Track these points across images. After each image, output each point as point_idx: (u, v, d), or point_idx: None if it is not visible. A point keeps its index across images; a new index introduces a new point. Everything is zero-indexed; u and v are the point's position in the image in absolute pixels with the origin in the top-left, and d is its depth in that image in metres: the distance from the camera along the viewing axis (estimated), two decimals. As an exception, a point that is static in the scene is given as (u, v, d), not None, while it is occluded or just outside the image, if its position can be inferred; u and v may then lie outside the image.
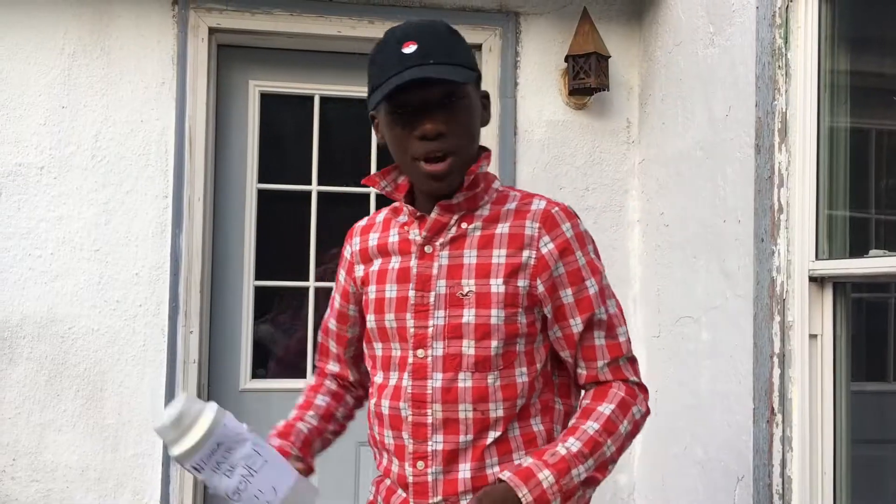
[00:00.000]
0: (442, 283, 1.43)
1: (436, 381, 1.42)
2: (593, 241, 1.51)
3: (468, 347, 1.41)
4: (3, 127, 2.95)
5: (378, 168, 3.31)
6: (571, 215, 1.48)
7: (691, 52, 2.88)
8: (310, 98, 3.28)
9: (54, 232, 2.95)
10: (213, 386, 3.14)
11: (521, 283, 1.42)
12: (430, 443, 1.41)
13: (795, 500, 2.24)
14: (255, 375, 3.23)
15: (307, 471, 1.53)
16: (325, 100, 3.30)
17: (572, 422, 1.44)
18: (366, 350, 1.57)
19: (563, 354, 1.48)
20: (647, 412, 1.48)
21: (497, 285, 1.41)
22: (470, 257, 1.43)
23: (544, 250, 1.43)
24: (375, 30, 3.13)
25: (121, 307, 2.97)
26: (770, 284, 2.32)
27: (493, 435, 1.41)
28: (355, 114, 3.38)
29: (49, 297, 2.94)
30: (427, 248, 1.46)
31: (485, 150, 1.50)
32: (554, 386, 1.50)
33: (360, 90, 3.29)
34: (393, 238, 1.51)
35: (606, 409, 1.42)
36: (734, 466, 2.53)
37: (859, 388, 2.30)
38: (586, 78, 3.12)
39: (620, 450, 1.42)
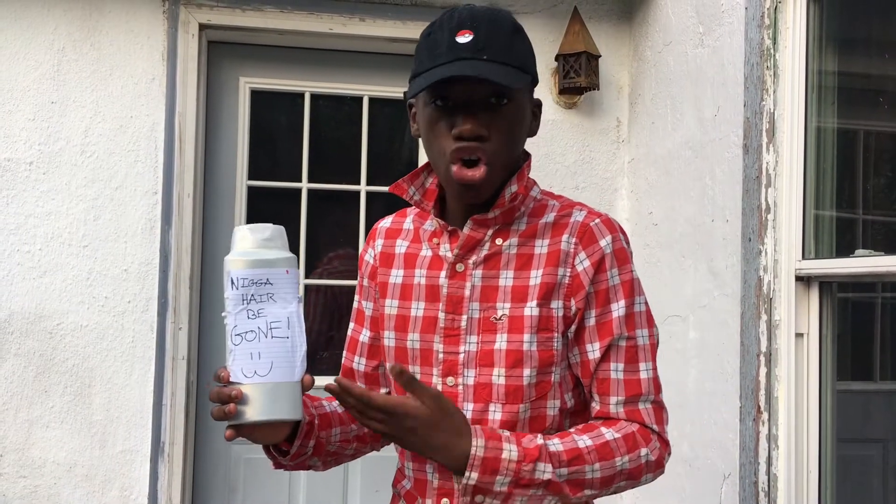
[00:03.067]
0: (475, 306, 1.30)
1: (466, 412, 1.28)
2: (632, 260, 1.35)
3: (498, 377, 1.28)
4: (-8, 122, 2.94)
5: (368, 167, 3.32)
6: (613, 228, 1.32)
7: (681, 52, 2.89)
8: (300, 95, 3.28)
9: (43, 227, 2.94)
10: (202, 382, 3.14)
11: (555, 304, 1.28)
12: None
13: (781, 498, 2.26)
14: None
15: (307, 428, 1.31)
16: (315, 97, 3.30)
17: (569, 429, 1.30)
18: None
19: (583, 380, 1.33)
20: (658, 466, 1.30)
21: (531, 308, 1.28)
22: (506, 279, 1.30)
23: (580, 268, 1.29)
24: (366, 27, 3.13)
25: (109, 303, 2.97)
26: (757, 283, 2.34)
27: None
28: (346, 111, 3.38)
29: (37, 293, 2.93)
30: (459, 267, 1.32)
31: (527, 157, 1.36)
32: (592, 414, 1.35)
33: (350, 88, 3.30)
34: (425, 252, 1.36)
35: (609, 434, 1.26)
36: (720, 464, 2.54)
37: (845, 387, 2.32)
38: (576, 77, 3.13)
39: (606, 482, 1.25)
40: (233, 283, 1.17)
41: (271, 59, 3.24)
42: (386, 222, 1.47)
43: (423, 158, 3.34)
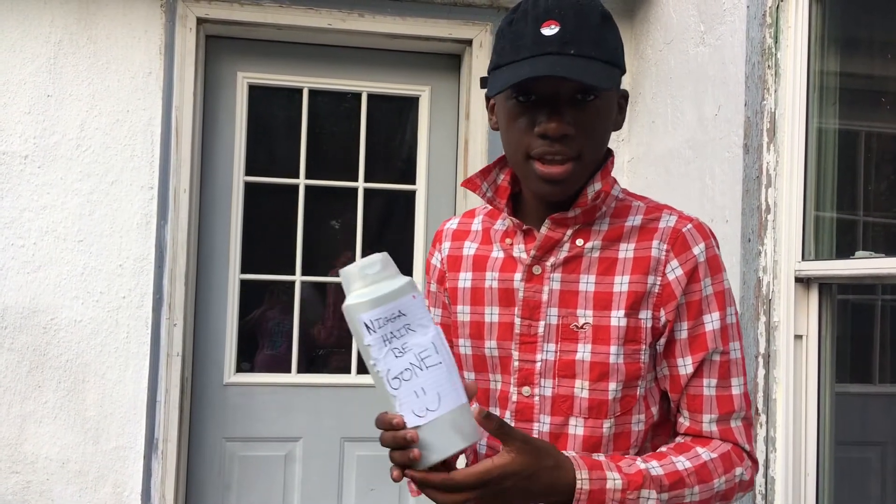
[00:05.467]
0: (553, 312, 1.23)
1: (543, 424, 1.23)
2: (724, 269, 1.27)
3: (581, 389, 1.21)
4: (-12, 115, 2.92)
5: (366, 164, 3.30)
6: (706, 234, 1.25)
7: (682, 51, 2.87)
8: (298, 91, 3.26)
9: (38, 222, 2.93)
10: (197, 379, 3.12)
11: (644, 314, 1.21)
12: None
13: (778, 501, 2.24)
14: (239, 369, 3.21)
15: None
16: (314, 93, 3.28)
17: (660, 450, 1.23)
18: None
19: (671, 395, 1.27)
20: (750, 484, 1.25)
21: (618, 318, 1.20)
22: (587, 283, 1.23)
23: (671, 277, 1.21)
24: (365, 23, 3.11)
25: (104, 298, 2.95)
26: (756, 284, 2.32)
27: None
28: (345, 107, 3.37)
29: (31, 288, 2.91)
30: (535, 269, 1.24)
31: (610, 155, 1.28)
32: (672, 426, 1.29)
33: (349, 84, 3.28)
34: (496, 254, 1.29)
35: (706, 454, 1.20)
36: (718, 466, 2.52)
37: (843, 390, 2.30)
38: (576, 75, 3.10)
39: None
40: (368, 328, 1.10)
41: (269, 55, 3.22)
42: (452, 223, 1.39)
43: (421, 156, 3.32)
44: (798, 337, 2.25)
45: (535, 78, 1.14)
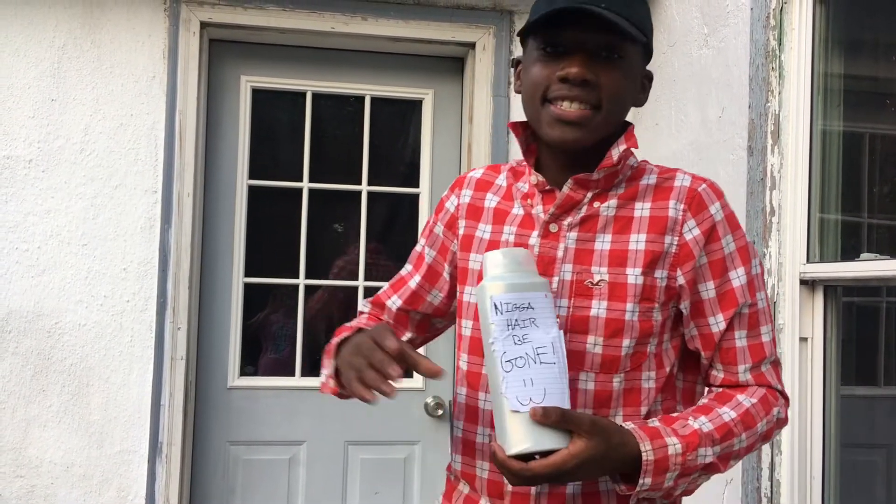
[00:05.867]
0: (567, 268, 1.25)
1: None
2: (741, 225, 1.31)
3: (594, 345, 1.23)
4: (-8, 119, 2.93)
5: (370, 166, 3.30)
6: (720, 193, 1.28)
7: (685, 53, 2.87)
8: (302, 94, 3.26)
9: (42, 226, 2.93)
10: (200, 383, 3.12)
11: (659, 273, 1.23)
12: None
13: (784, 504, 2.23)
14: (243, 373, 3.21)
15: None
16: (317, 96, 3.28)
17: (703, 401, 1.26)
18: (440, 324, 1.48)
19: (701, 354, 1.30)
20: (785, 420, 1.30)
21: (635, 276, 1.22)
22: (603, 242, 1.25)
23: (688, 237, 1.24)
24: (368, 26, 3.12)
25: (108, 302, 2.95)
26: (761, 287, 2.31)
27: None
28: (348, 111, 3.37)
29: (36, 292, 2.91)
30: (552, 227, 1.27)
31: (629, 125, 1.31)
32: (677, 392, 1.32)
33: (352, 87, 3.29)
34: (517, 210, 1.31)
35: (746, 401, 1.24)
36: (723, 469, 2.52)
37: (849, 392, 2.29)
38: (580, 78, 3.10)
39: (750, 448, 1.24)
40: (496, 307, 1.14)
41: (273, 58, 3.23)
42: (476, 173, 1.41)
43: (424, 159, 3.32)
44: (803, 339, 2.25)
45: (565, 24, 1.18)
